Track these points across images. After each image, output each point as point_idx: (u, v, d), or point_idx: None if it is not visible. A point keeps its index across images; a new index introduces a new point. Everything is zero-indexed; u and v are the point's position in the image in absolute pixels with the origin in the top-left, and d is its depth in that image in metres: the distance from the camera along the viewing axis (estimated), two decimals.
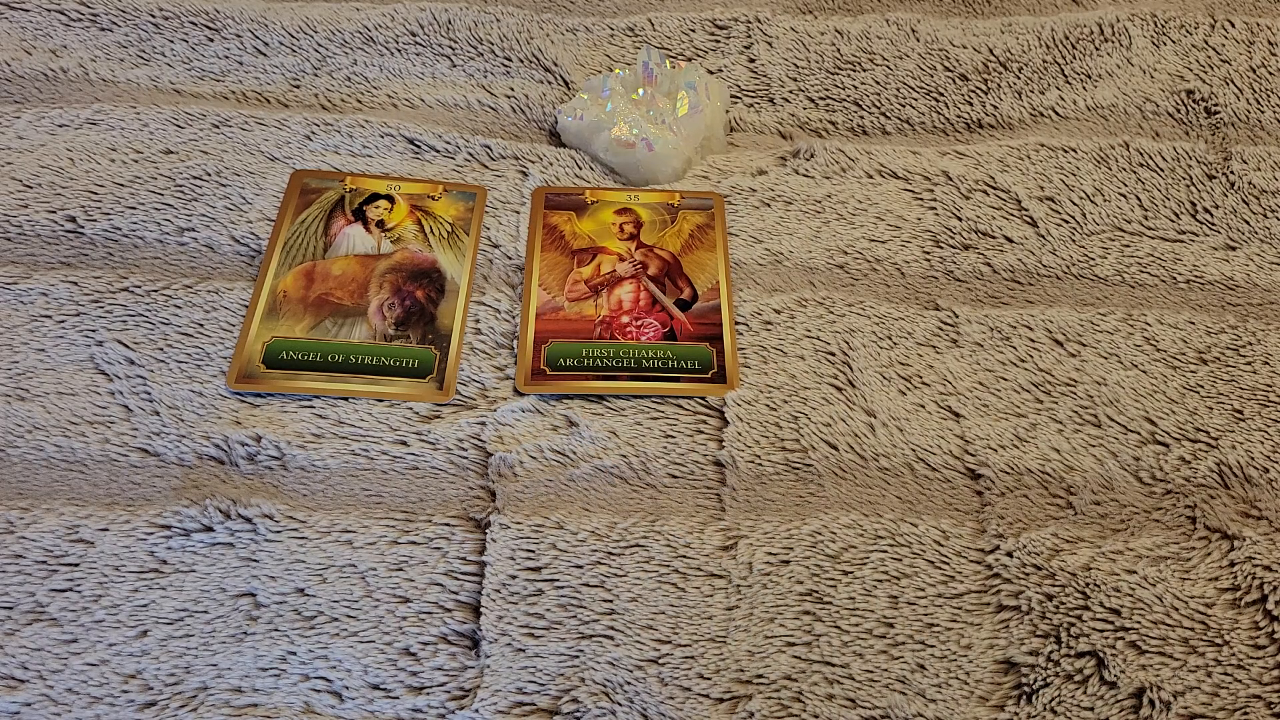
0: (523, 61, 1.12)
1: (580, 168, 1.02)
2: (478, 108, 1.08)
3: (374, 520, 0.79)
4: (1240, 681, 0.73)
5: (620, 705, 0.72)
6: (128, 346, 0.88)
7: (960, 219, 0.99)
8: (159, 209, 0.97)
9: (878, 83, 1.11)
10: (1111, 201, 1.01)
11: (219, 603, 0.76)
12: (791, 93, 1.10)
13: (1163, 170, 1.03)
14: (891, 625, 0.75)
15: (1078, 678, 0.73)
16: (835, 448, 0.84)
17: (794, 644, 0.75)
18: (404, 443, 0.84)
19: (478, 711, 0.72)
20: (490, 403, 0.86)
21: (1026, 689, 0.73)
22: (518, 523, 0.79)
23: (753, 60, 1.13)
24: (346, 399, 0.86)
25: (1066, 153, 1.04)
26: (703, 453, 0.84)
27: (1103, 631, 0.75)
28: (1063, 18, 1.17)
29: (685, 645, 0.75)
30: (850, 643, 0.75)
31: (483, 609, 0.75)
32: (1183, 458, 0.84)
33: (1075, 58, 1.13)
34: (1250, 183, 1.02)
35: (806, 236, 0.98)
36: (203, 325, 0.90)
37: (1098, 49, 1.14)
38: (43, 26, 1.12)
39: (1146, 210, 1.00)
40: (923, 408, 0.86)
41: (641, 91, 1.04)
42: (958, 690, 0.73)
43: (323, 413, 0.85)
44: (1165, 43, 1.14)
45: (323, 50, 1.12)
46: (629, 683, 0.73)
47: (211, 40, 1.12)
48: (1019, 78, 1.12)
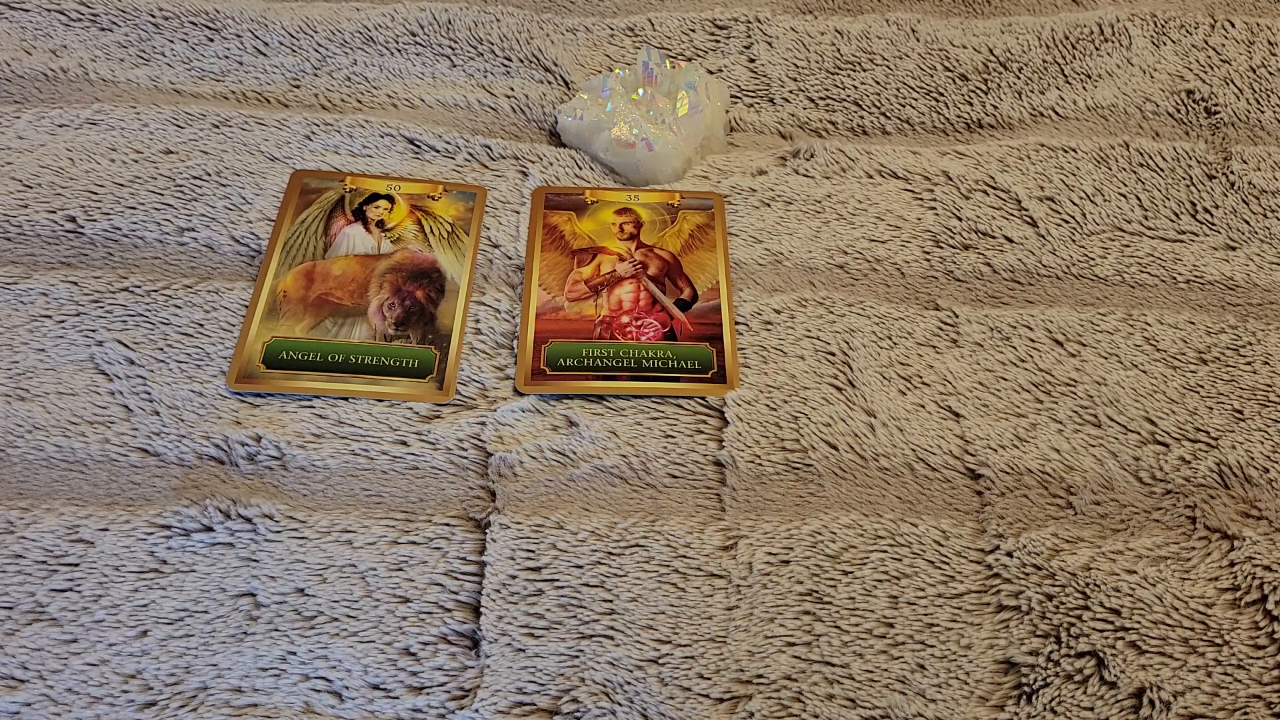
0: (523, 61, 1.12)
1: (580, 168, 1.02)
2: (478, 108, 1.08)
3: (374, 520, 0.79)
4: (1240, 681, 0.73)
5: (620, 705, 0.72)
6: (128, 346, 0.88)
7: (960, 219, 0.99)
8: (159, 209, 0.97)
9: (878, 83, 1.11)
10: (1111, 201, 1.00)
11: (219, 603, 0.76)
12: (791, 93, 1.10)
13: (1163, 170, 1.03)
14: (891, 625, 0.75)
15: (1078, 678, 0.73)
16: (835, 448, 0.84)
17: (794, 644, 0.75)
18: (404, 443, 0.84)
19: (478, 711, 0.72)
20: (490, 403, 0.86)
21: (1026, 689, 0.73)
22: (518, 523, 0.79)
23: (753, 60, 1.13)
24: (346, 399, 0.86)
25: (1066, 153, 1.04)
26: (703, 453, 0.84)
27: (1103, 631, 0.75)
28: (1063, 18, 1.17)
29: (685, 645, 0.75)
30: (850, 643, 0.75)
31: (483, 609, 0.75)
32: (1183, 458, 0.84)
33: (1075, 58, 1.13)
34: (1250, 183, 1.02)
35: (806, 236, 0.98)
36: (203, 325, 0.90)
37: (1098, 49, 1.14)
38: (43, 26, 1.12)
39: (1146, 210, 1.00)
40: (923, 408, 0.86)
41: (641, 91, 1.04)
42: (958, 690, 0.73)
43: (323, 413, 0.85)
44: (1165, 43, 1.14)
45: (323, 50, 1.12)
46: (629, 683, 0.73)
47: (211, 40, 1.12)
48: (1019, 78, 1.12)
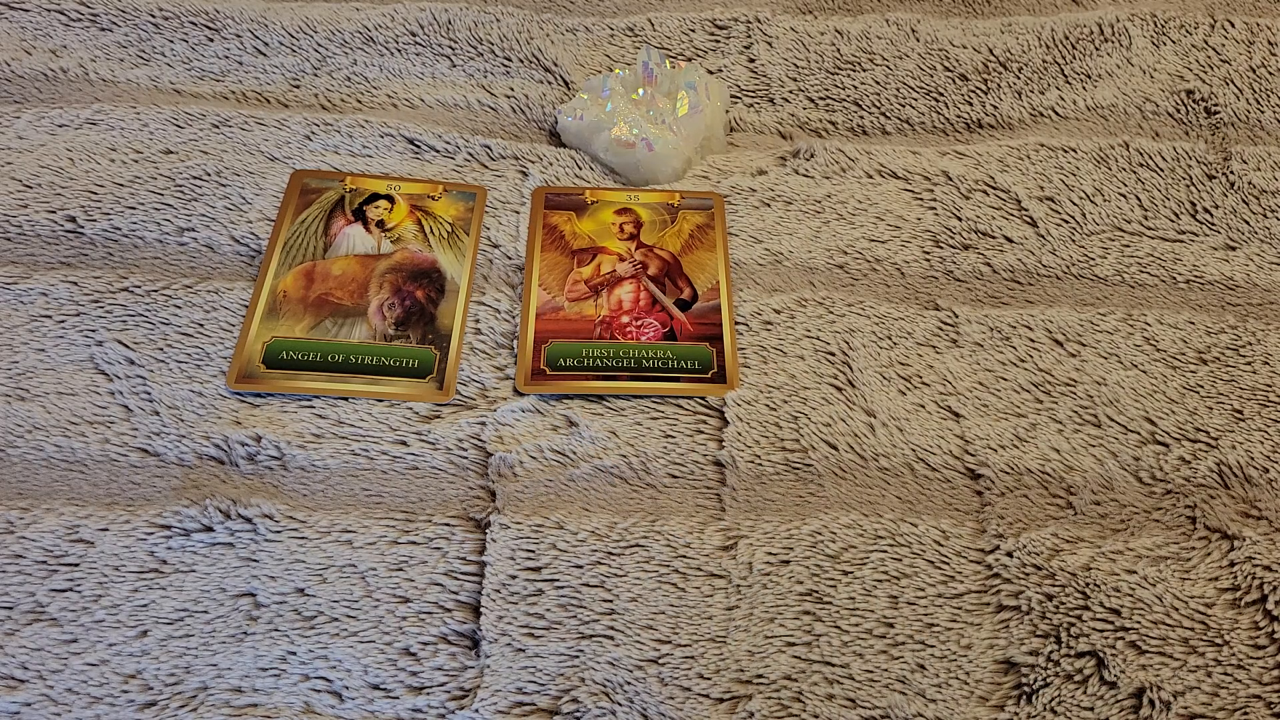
0: (523, 61, 1.12)
1: (580, 168, 1.02)
2: (478, 108, 1.08)
3: (374, 520, 0.79)
4: (1240, 681, 0.73)
5: (620, 705, 0.72)
6: (128, 346, 0.88)
7: (960, 219, 0.99)
8: (159, 209, 0.97)
9: (878, 83, 1.11)
10: (1111, 201, 1.00)
11: (219, 603, 0.76)
12: (791, 93, 1.10)
13: (1163, 170, 1.03)
14: (891, 625, 0.75)
15: (1078, 678, 0.73)
16: (835, 448, 0.84)
17: (794, 644, 0.75)
18: (404, 443, 0.84)
19: (478, 711, 0.72)
20: (490, 403, 0.86)
21: (1026, 689, 0.73)
22: (518, 523, 0.79)
23: (753, 60, 1.13)
24: (346, 399, 0.86)
25: (1066, 153, 1.04)
26: (703, 453, 0.84)
27: (1103, 631, 0.75)
28: (1063, 18, 1.17)
29: (685, 645, 0.75)
30: (850, 643, 0.75)
31: (483, 609, 0.75)
32: (1183, 458, 0.84)
33: (1075, 58, 1.13)
34: (1250, 183, 1.02)
35: (806, 236, 0.98)
36: (203, 325, 0.90)
37: (1098, 49, 1.14)
38: (43, 26, 1.12)
39: (1146, 210, 1.00)
40: (923, 408, 0.86)
41: (641, 91, 1.04)
42: (958, 690, 0.73)
43: (323, 413, 0.85)
44: (1165, 43, 1.14)
45: (323, 50, 1.12)
46: (629, 683, 0.73)
47: (211, 40, 1.12)
48: (1019, 78, 1.12)
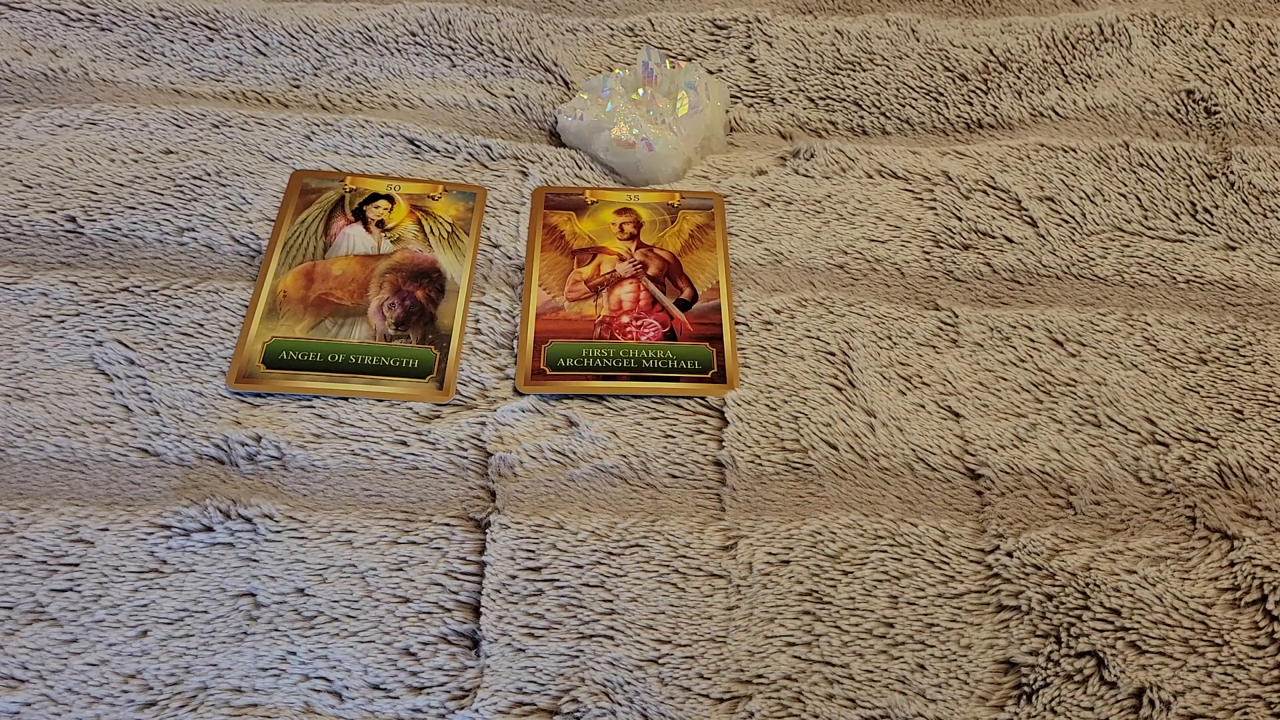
0: (523, 61, 1.12)
1: (580, 168, 1.02)
2: (478, 108, 1.08)
3: (374, 520, 0.79)
4: (1240, 681, 0.73)
5: (620, 705, 0.72)
6: (128, 346, 0.88)
7: (960, 219, 0.99)
8: (159, 209, 0.97)
9: (878, 83, 1.11)
10: (1111, 201, 1.00)
11: (219, 603, 0.76)
12: (791, 93, 1.10)
13: (1163, 170, 1.03)
14: (891, 625, 0.75)
15: (1078, 678, 0.73)
16: (835, 448, 0.84)
17: (794, 644, 0.75)
18: (404, 443, 0.84)
19: (478, 711, 0.72)
20: (490, 403, 0.86)
21: (1026, 689, 0.73)
22: (518, 523, 0.79)
23: (753, 60, 1.13)
24: (346, 399, 0.86)
25: (1066, 153, 1.04)
26: (703, 453, 0.84)
27: (1103, 631, 0.75)
28: (1063, 18, 1.17)
29: (685, 645, 0.75)
30: (850, 643, 0.75)
31: (483, 609, 0.75)
32: (1183, 458, 0.84)
33: (1075, 58, 1.13)
34: (1250, 183, 1.02)
35: (806, 236, 0.98)
36: (203, 325, 0.90)
37: (1098, 49, 1.14)
38: (43, 26, 1.12)
39: (1146, 210, 1.00)
40: (923, 408, 0.86)
41: (641, 91, 1.04)
42: (958, 690, 0.73)
43: (323, 413, 0.85)
44: (1165, 43, 1.14)
45: (323, 50, 1.12)
46: (629, 683, 0.73)
47: (211, 40, 1.12)
48: (1019, 78, 1.12)
